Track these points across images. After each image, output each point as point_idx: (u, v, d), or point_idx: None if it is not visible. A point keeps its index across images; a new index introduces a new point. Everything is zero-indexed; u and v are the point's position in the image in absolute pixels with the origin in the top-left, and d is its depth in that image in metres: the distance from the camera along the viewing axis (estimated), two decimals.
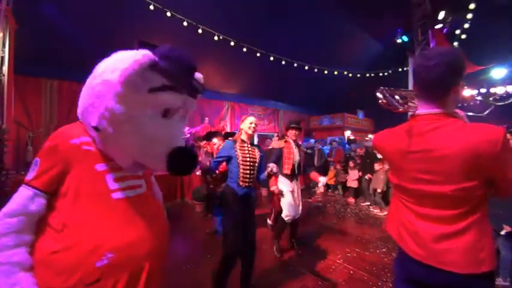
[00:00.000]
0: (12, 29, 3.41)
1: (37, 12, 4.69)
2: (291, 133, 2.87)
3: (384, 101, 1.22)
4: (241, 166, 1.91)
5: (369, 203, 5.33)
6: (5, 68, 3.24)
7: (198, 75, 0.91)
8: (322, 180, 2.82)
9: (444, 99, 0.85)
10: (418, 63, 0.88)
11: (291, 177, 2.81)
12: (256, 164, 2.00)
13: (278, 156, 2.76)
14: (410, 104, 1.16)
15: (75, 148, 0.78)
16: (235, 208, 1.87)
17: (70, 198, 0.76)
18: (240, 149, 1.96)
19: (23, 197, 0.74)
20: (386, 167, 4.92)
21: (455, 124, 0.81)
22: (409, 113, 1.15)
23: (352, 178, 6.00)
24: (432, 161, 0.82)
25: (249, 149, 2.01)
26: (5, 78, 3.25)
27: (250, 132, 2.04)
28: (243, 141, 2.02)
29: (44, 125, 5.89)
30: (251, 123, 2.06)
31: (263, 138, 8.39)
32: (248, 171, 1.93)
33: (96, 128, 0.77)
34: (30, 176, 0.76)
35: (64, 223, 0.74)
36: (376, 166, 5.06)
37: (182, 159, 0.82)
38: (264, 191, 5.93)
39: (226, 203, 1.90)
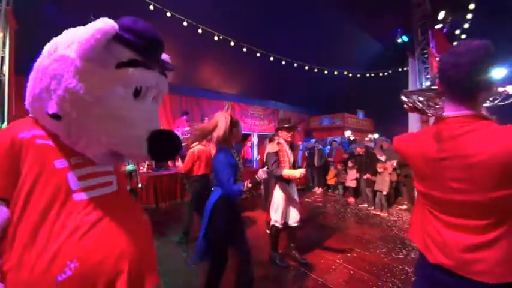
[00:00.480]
0: (13, 29, 3.41)
1: (37, 12, 4.69)
2: (283, 134, 2.64)
3: (410, 104, 1.10)
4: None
5: (366, 205, 5.23)
6: (5, 68, 3.24)
7: (166, 57, 0.82)
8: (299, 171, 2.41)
9: (475, 100, 0.79)
10: (446, 61, 0.80)
11: (288, 180, 2.60)
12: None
13: (276, 161, 2.50)
14: (436, 105, 1.06)
15: (25, 142, 0.65)
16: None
17: (21, 202, 0.63)
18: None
19: None
20: (390, 169, 4.88)
21: (489, 127, 0.75)
22: (429, 116, 0.97)
23: (351, 178, 6.01)
24: (466, 167, 0.75)
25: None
26: (5, 78, 3.25)
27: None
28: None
29: None
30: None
31: (263, 139, 8.39)
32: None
33: (55, 116, 0.64)
34: None
35: (14, 233, 0.62)
36: (378, 168, 4.93)
37: (164, 142, 0.72)
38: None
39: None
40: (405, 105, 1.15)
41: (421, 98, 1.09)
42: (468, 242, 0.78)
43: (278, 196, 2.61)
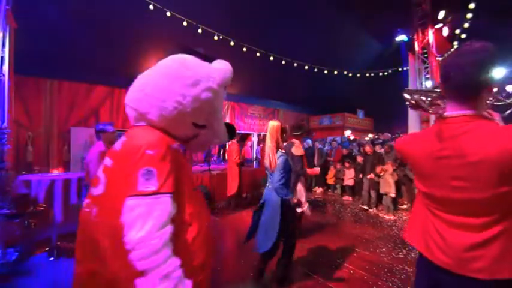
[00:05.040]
0: (12, 29, 3.41)
1: (37, 12, 4.69)
2: (295, 141, 2.87)
3: (413, 101, 1.15)
4: None
5: (367, 207, 5.17)
6: (5, 68, 3.24)
7: None
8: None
9: (476, 100, 0.80)
10: (449, 62, 0.83)
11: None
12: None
13: (302, 164, 2.78)
14: (437, 104, 1.10)
15: (176, 152, 0.89)
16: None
17: (184, 194, 0.88)
18: None
19: (165, 206, 0.76)
20: (391, 170, 4.84)
21: (489, 126, 0.77)
22: (431, 115, 1.03)
23: (348, 177, 6.02)
24: (466, 166, 0.77)
25: None
26: (5, 78, 3.24)
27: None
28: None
29: (44, 125, 5.88)
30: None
31: (263, 138, 8.39)
32: None
33: (202, 126, 1.00)
34: (153, 185, 0.76)
35: (193, 213, 0.89)
36: (378, 171, 4.87)
37: (231, 128, 1.23)
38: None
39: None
40: (407, 102, 1.19)
41: (423, 98, 1.12)
42: (469, 240, 0.79)
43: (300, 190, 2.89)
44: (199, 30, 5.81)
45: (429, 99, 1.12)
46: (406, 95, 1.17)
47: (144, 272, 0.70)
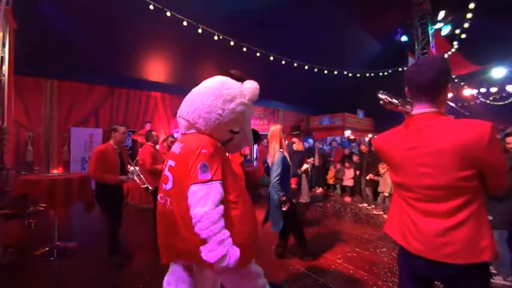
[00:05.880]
0: (12, 29, 3.41)
1: (37, 12, 4.68)
2: (295, 140, 3.61)
3: (386, 100, 1.44)
4: None
5: (366, 204, 5.22)
6: (5, 68, 3.24)
7: None
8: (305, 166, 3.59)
9: (436, 100, 0.96)
10: (411, 70, 1.01)
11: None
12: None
13: (302, 159, 3.53)
14: (407, 106, 1.35)
15: (221, 149, 1.24)
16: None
17: (229, 179, 1.19)
18: None
19: (218, 189, 1.07)
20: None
21: (447, 121, 0.91)
22: (405, 114, 1.35)
23: (348, 177, 6.05)
24: (429, 155, 0.90)
25: None
26: (5, 78, 3.25)
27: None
28: None
29: (44, 125, 5.89)
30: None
31: (263, 138, 8.39)
32: None
33: (236, 132, 1.29)
34: (208, 175, 1.07)
35: (237, 195, 1.20)
36: (381, 169, 4.89)
37: (256, 133, 1.51)
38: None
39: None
40: (381, 102, 1.45)
41: (395, 100, 1.40)
42: (439, 226, 0.88)
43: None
44: (199, 30, 5.81)
45: (399, 100, 1.39)
46: (380, 95, 1.45)
47: (206, 240, 0.99)
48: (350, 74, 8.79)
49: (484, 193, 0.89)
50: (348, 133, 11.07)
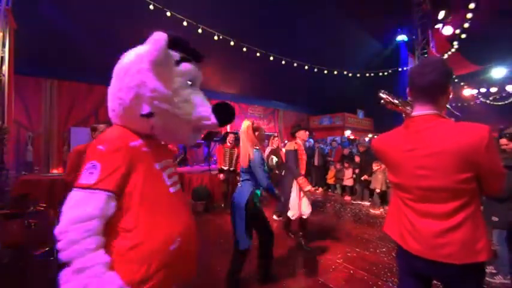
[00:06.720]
0: (12, 29, 3.41)
1: (37, 12, 4.68)
2: (301, 134, 3.02)
3: (387, 100, 1.39)
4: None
5: (360, 201, 5.38)
6: (5, 68, 3.24)
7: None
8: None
9: (437, 102, 0.95)
10: (413, 71, 1.00)
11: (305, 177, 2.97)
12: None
13: (296, 158, 2.92)
14: (407, 108, 1.32)
15: (136, 150, 0.86)
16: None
17: (137, 197, 0.82)
18: None
19: (97, 200, 0.75)
20: (384, 166, 4.95)
21: (446, 124, 0.91)
22: (404, 115, 1.34)
23: (347, 177, 6.09)
24: (428, 156, 0.90)
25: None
26: (5, 78, 3.25)
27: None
28: None
29: (44, 125, 5.89)
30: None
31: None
32: None
33: (149, 114, 0.85)
34: (92, 179, 0.76)
35: (136, 221, 0.81)
36: (374, 166, 5.06)
37: (225, 110, 1.00)
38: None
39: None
40: (382, 101, 1.44)
41: (395, 101, 1.37)
42: (437, 227, 0.89)
43: (294, 194, 2.97)
44: (199, 30, 5.80)
45: (400, 101, 1.37)
46: (381, 95, 1.42)
47: (68, 264, 0.70)
48: (350, 74, 8.79)
49: (484, 194, 0.90)
50: (348, 133, 11.08)
